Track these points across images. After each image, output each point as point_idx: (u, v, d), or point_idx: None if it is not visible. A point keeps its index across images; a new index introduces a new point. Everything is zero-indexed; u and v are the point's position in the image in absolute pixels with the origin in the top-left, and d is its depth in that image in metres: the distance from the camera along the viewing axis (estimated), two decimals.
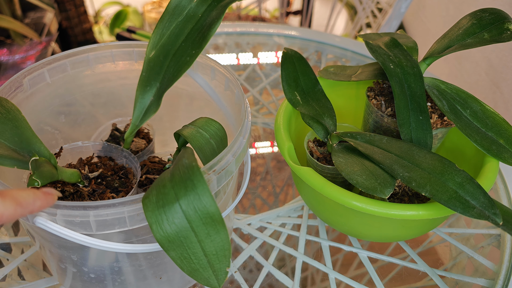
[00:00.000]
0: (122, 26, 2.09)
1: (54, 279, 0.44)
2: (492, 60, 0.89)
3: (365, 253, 0.49)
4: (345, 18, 1.99)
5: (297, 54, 0.53)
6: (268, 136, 0.71)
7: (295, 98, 0.49)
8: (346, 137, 0.45)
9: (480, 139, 0.42)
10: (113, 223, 0.31)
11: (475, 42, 0.43)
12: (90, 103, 0.51)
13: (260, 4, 1.52)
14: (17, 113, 0.35)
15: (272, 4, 2.30)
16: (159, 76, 0.39)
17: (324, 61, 0.85)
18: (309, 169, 0.43)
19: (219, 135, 0.38)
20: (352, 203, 0.39)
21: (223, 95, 0.47)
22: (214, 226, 0.28)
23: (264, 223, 0.52)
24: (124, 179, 0.42)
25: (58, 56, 0.45)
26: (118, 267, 0.37)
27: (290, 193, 0.64)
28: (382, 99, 0.48)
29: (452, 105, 0.44)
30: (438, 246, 0.54)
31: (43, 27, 1.31)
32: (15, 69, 1.06)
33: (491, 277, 0.46)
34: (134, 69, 0.49)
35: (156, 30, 0.40)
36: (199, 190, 0.28)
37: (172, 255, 0.28)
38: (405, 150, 0.41)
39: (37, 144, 0.34)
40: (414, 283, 0.49)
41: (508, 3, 0.83)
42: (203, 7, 0.40)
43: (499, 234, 0.50)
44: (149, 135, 0.52)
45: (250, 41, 0.90)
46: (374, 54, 0.47)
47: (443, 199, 0.36)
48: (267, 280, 0.47)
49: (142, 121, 0.40)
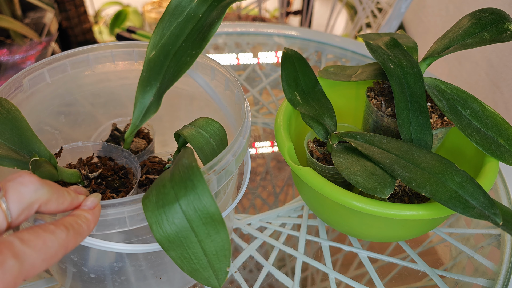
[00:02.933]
0: (122, 26, 2.09)
1: (54, 279, 0.44)
2: (492, 60, 0.89)
3: (365, 253, 0.49)
4: (345, 18, 1.99)
5: (297, 54, 0.53)
6: (268, 136, 0.71)
7: (295, 98, 0.49)
8: (346, 137, 0.45)
9: (480, 139, 0.42)
10: (113, 223, 0.31)
11: (475, 42, 0.43)
12: (90, 103, 0.51)
13: (260, 4, 1.52)
14: (17, 113, 0.35)
15: (272, 4, 2.30)
16: (159, 76, 0.39)
17: (324, 61, 0.85)
18: (309, 169, 0.43)
19: (219, 135, 0.38)
20: (352, 203, 0.39)
21: (223, 95, 0.47)
22: (214, 226, 0.28)
23: (264, 223, 0.52)
24: (124, 179, 0.42)
25: (58, 56, 0.45)
26: (118, 267, 0.37)
27: (290, 193, 0.64)
28: (382, 99, 0.48)
29: (452, 105, 0.44)
30: (438, 246, 0.54)
31: (43, 27, 1.31)
32: (15, 69, 1.06)
33: (491, 277, 0.46)
34: (134, 69, 0.49)
35: (156, 30, 0.40)
36: (199, 190, 0.28)
37: (172, 255, 0.28)
38: (405, 150, 0.41)
39: (37, 144, 0.34)
40: (414, 283, 0.49)
41: (508, 3, 0.83)
42: (203, 8, 0.40)
43: (499, 234, 0.50)
44: (149, 135, 0.52)
45: (250, 41, 0.90)
46: (374, 54, 0.47)
47: (443, 199, 0.36)
48: (267, 280, 0.47)
49: (142, 121, 0.40)
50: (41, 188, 0.26)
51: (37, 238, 0.24)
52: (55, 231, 0.25)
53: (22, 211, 0.25)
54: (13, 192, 0.25)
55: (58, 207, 0.27)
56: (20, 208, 0.25)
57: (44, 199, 0.26)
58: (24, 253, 0.22)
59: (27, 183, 0.25)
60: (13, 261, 0.22)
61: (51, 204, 0.27)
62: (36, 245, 0.23)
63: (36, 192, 0.26)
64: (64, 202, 0.28)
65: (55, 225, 0.26)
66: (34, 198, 0.25)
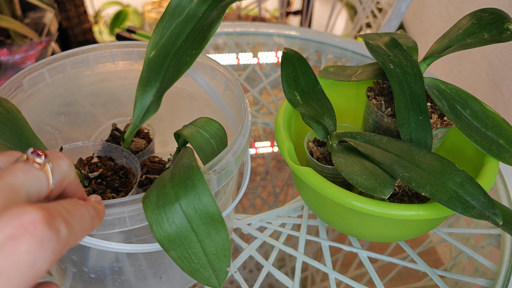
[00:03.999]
0: (122, 26, 2.09)
1: (54, 279, 0.44)
2: (492, 60, 0.89)
3: (365, 253, 0.49)
4: (345, 18, 1.99)
5: (297, 54, 0.53)
6: (268, 136, 0.71)
7: (295, 98, 0.49)
8: (346, 137, 0.45)
9: (480, 139, 0.42)
10: (113, 223, 0.31)
11: (475, 42, 0.43)
12: (90, 103, 0.51)
13: (260, 4, 1.52)
14: (17, 113, 0.35)
15: (272, 4, 2.30)
16: (159, 76, 0.39)
17: (324, 61, 0.85)
18: (309, 169, 0.43)
19: (219, 135, 0.38)
20: (352, 203, 0.39)
21: (223, 95, 0.47)
22: (214, 225, 0.28)
23: (264, 223, 0.52)
24: (124, 179, 0.42)
25: (58, 56, 0.45)
26: (118, 267, 0.37)
27: (290, 193, 0.64)
28: (382, 99, 0.48)
29: (452, 105, 0.44)
30: (438, 246, 0.54)
31: (43, 27, 1.31)
32: (15, 69, 1.06)
33: (491, 277, 0.46)
34: (134, 69, 0.49)
35: (156, 30, 0.40)
36: (199, 190, 0.28)
37: (173, 255, 0.28)
38: (405, 150, 0.41)
39: (37, 144, 0.34)
40: (414, 283, 0.49)
41: (508, 3, 0.83)
42: (203, 7, 0.40)
43: (499, 234, 0.50)
44: (149, 135, 0.52)
45: (250, 41, 0.90)
46: (374, 54, 0.47)
47: (443, 199, 0.36)
48: (267, 280, 0.47)
49: (142, 121, 0.40)
50: (72, 166, 0.26)
51: (76, 209, 0.23)
52: (87, 206, 0.25)
53: (59, 183, 0.25)
54: (55, 162, 0.24)
55: (77, 192, 0.27)
56: (59, 179, 0.24)
57: (72, 178, 0.26)
58: (71, 222, 0.22)
59: (64, 157, 0.25)
60: (65, 229, 0.21)
61: (73, 186, 0.26)
62: (77, 216, 0.23)
63: (70, 169, 0.25)
64: (80, 190, 0.28)
65: (84, 202, 0.25)
66: (67, 174, 0.25)
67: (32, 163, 0.23)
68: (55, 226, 0.20)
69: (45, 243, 0.20)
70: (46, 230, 0.20)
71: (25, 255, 0.19)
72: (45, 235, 0.20)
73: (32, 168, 0.23)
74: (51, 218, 0.20)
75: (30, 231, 0.19)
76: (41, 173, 0.23)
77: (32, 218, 0.19)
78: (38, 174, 0.23)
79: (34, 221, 0.19)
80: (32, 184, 0.22)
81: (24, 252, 0.19)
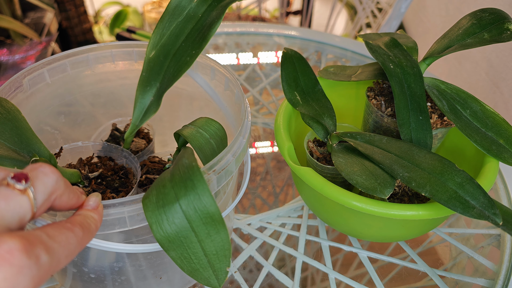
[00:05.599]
0: (122, 26, 2.09)
1: (54, 279, 0.44)
2: (492, 60, 0.89)
3: (365, 253, 0.49)
4: (345, 18, 1.99)
5: (297, 54, 0.53)
6: (268, 136, 0.71)
7: (295, 98, 0.49)
8: (346, 137, 0.45)
9: (480, 139, 0.42)
10: (113, 223, 0.31)
11: (475, 42, 0.43)
12: (90, 103, 0.51)
13: (260, 4, 1.52)
14: (17, 113, 0.35)
15: (272, 4, 2.30)
16: (159, 76, 0.39)
17: (324, 61, 0.85)
18: (309, 169, 0.43)
19: (219, 135, 0.38)
20: (352, 203, 0.39)
21: (223, 95, 0.47)
22: (214, 226, 0.28)
23: (264, 223, 0.52)
24: (124, 179, 0.42)
25: (58, 56, 0.45)
26: (118, 267, 0.37)
27: (290, 193, 0.64)
28: (382, 99, 0.48)
29: (452, 105, 0.44)
30: (438, 246, 0.54)
31: (43, 27, 1.31)
32: (15, 69, 1.06)
33: (491, 277, 0.46)
34: (134, 69, 0.49)
35: (156, 30, 0.40)
36: (199, 190, 0.28)
37: (172, 255, 0.28)
38: (405, 150, 0.41)
39: (37, 144, 0.34)
40: (414, 283, 0.49)
41: (508, 3, 0.83)
42: (203, 7, 0.40)
43: (499, 234, 0.50)
44: (149, 135, 0.52)
45: (250, 41, 0.90)
46: (374, 54, 0.47)
47: (443, 199, 0.36)
48: (267, 280, 0.47)
49: (142, 121, 0.40)
50: (60, 179, 0.26)
51: (60, 234, 0.24)
52: (73, 229, 0.25)
53: (44, 202, 0.25)
54: (38, 182, 0.24)
55: (68, 202, 0.27)
56: (43, 198, 0.25)
57: (61, 191, 0.26)
58: (53, 248, 0.22)
59: (49, 173, 0.25)
60: (46, 256, 0.22)
61: (64, 198, 0.27)
62: (61, 241, 0.23)
63: (57, 183, 0.25)
64: (73, 198, 0.28)
65: (71, 223, 0.26)
66: (54, 189, 0.25)
67: (13, 189, 0.23)
68: (34, 253, 0.21)
69: (24, 270, 0.20)
70: (23, 258, 0.20)
71: (2, 282, 0.19)
72: (23, 263, 0.20)
73: (13, 194, 0.23)
74: (30, 246, 0.21)
75: (7, 260, 0.20)
76: (23, 198, 0.23)
77: (8, 247, 0.20)
78: (19, 200, 0.23)
79: (11, 250, 0.20)
80: (14, 211, 0.23)
81: (1, 279, 0.19)
